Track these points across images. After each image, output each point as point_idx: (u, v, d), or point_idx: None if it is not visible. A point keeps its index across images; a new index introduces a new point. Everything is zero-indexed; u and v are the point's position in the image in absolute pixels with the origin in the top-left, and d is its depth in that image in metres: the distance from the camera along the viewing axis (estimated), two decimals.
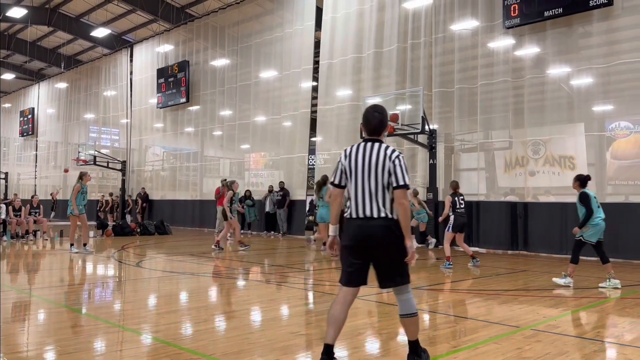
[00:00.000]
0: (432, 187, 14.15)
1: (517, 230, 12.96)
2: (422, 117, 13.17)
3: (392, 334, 4.97)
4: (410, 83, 14.95)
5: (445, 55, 14.65)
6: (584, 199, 7.58)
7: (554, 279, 7.80)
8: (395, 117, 12.99)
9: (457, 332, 4.97)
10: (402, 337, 4.92)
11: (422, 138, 14.02)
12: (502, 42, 13.57)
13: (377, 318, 5.62)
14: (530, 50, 13.36)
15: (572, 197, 12.96)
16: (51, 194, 29.66)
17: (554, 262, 10.86)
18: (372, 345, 4.62)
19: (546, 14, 12.36)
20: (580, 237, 7.60)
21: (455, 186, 10.08)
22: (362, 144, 3.74)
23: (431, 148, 14.06)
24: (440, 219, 10.44)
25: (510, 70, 13.38)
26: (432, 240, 13.81)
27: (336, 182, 3.76)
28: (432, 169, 14.16)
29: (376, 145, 3.69)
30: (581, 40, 12.82)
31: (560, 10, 12.16)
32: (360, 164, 3.66)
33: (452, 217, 9.83)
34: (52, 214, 27.03)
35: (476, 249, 13.33)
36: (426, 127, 13.39)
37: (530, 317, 5.59)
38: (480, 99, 13.80)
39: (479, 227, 13.57)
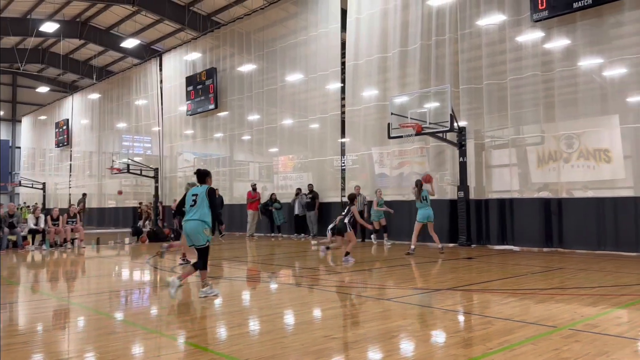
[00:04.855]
0: (462, 185, 13.98)
1: (551, 227, 12.68)
2: (451, 114, 13.04)
3: (425, 337, 4.93)
4: (435, 80, 14.80)
5: (472, 51, 14.46)
6: (211, 194, 6.98)
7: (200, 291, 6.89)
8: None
9: (492, 333, 4.89)
10: (436, 339, 4.89)
11: (450, 136, 13.88)
12: (530, 36, 13.33)
13: (410, 320, 5.58)
14: (559, 43, 13.07)
15: (609, 192, 12.74)
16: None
17: (591, 259, 10.59)
18: (407, 348, 4.59)
19: (575, 5, 12.07)
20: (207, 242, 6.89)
21: None
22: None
23: (461, 146, 13.90)
24: None
25: (539, 64, 13.12)
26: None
27: None
28: (463, 166, 13.98)
29: None
30: (612, 31, 12.47)
31: (590, 0, 11.87)
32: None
33: None
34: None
35: (510, 247, 13.13)
36: (455, 124, 13.25)
37: (567, 317, 5.47)
38: (510, 94, 13.56)
39: (512, 225, 13.34)
